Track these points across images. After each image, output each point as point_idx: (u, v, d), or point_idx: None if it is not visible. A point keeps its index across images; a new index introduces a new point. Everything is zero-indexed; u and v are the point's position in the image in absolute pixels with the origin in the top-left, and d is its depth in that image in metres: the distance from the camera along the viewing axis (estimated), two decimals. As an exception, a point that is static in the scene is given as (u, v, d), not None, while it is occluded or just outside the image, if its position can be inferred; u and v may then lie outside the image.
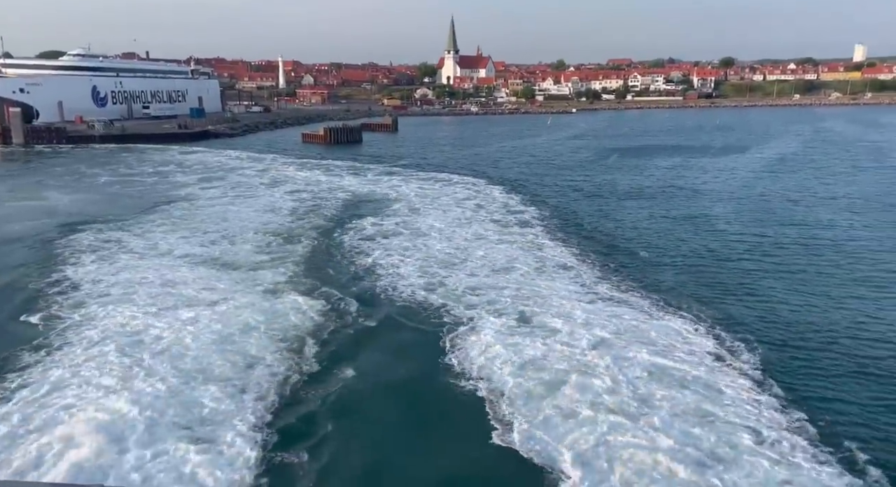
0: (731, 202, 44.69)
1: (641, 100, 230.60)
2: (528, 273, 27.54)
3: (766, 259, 29.98)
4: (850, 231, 35.22)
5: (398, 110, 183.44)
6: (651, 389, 17.53)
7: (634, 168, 64.92)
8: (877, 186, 49.96)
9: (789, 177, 55.95)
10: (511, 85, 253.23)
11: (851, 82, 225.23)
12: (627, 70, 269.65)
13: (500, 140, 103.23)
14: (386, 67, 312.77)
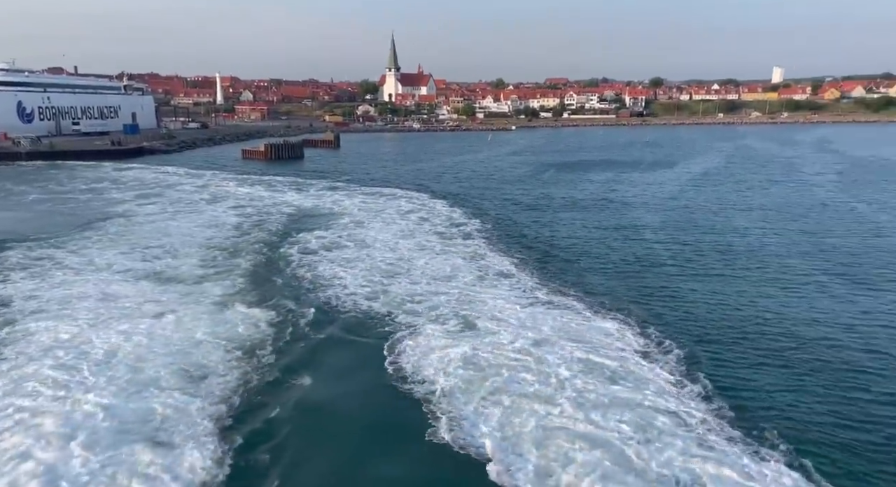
0: (658, 212, 47.59)
1: (577, 118, 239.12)
2: (469, 281, 28.78)
3: (687, 264, 32.36)
4: (761, 238, 38.33)
5: (340, 127, 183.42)
6: (583, 383, 18.93)
7: (570, 182, 67.77)
8: (787, 198, 54.24)
9: (711, 190, 59.88)
10: (452, 102, 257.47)
11: (770, 102, 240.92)
12: (564, 89, 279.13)
13: (442, 156, 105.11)
14: (327, 84, 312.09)
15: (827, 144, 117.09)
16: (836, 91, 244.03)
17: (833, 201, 51.71)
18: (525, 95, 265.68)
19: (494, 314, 24.27)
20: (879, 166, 78.24)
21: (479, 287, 27.87)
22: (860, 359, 20.40)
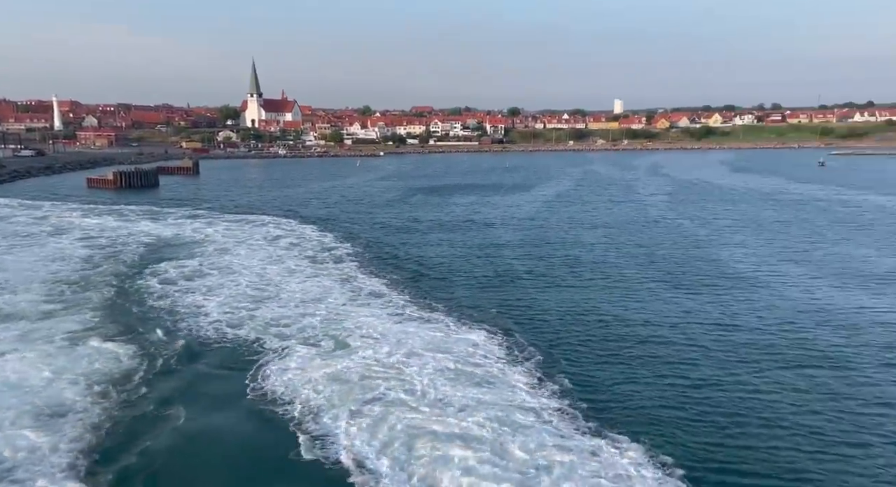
0: (516, 231, 51.23)
1: (443, 144, 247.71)
2: (341, 302, 29.32)
3: (542, 276, 35.39)
4: (604, 251, 42.79)
5: (199, 153, 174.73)
6: (450, 389, 20.25)
7: (438, 205, 70.51)
8: (626, 216, 60.75)
9: (563, 210, 65.41)
10: (319, 129, 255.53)
11: (612, 131, 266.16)
12: (429, 117, 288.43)
13: (310, 182, 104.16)
14: (183, 109, 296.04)
15: (659, 168, 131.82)
16: (666, 121, 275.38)
17: (663, 218, 58.75)
18: (392, 122, 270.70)
19: (366, 332, 25.03)
20: (700, 188, 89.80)
21: (351, 307, 28.51)
22: (683, 351, 23.76)
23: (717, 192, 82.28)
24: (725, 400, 19.42)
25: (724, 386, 20.48)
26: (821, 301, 29.51)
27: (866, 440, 16.82)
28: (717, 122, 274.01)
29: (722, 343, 24.33)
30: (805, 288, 32.00)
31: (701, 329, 26.10)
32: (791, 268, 36.53)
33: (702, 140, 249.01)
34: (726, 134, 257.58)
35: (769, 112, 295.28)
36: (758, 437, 17.19)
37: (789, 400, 19.23)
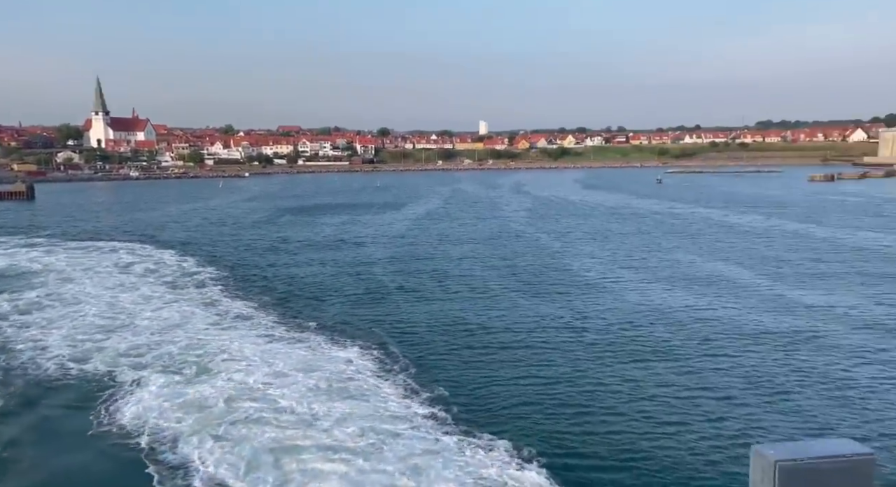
0: (388, 249, 52.12)
1: (312, 164, 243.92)
2: (203, 327, 28.19)
3: (413, 291, 36.46)
4: (470, 264, 44.94)
5: (34, 176, 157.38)
6: (322, 405, 20.39)
7: (308, 224, 69.56)
8: (490, 231, 64.04)
9: (433, 227, 67.47)
10: (177, 149, 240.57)
11: (478, 151, 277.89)
12: (297, 136, 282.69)
13: (167, 204, 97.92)
14: (13, 128, 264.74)
15: (521, 186, 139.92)
16: (526, 142, 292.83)
17: (524, 232, 62.69)
18: (257, 142, 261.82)
19: (231, 355, 24.36)
20: (557, 204, 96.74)
21: (215, 331, 27.53)
22: (540, 353, 25.75)
23: (571, 208, 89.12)
24: (575, 394, 21.44)
25: (574, 381, 22.56)
26: (654, 302, 33.31)
27: (688, 418, 19.44)
28: (571, 144, 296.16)
29: (573, 343, 26.71)
30: (642, 291, 35.91)
31: (555, 331, 28.41)
32: (631, 274, 40.76)
33: (558, 159, 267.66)
34: (579, 154, 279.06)
35: (615, 134, 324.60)
36: (602, 423, 19.22)
37: (627, 390, 21.65)
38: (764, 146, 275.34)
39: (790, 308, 31.52)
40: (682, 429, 18.64)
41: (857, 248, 49.10)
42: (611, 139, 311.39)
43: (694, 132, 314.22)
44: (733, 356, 24.66)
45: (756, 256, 46.59)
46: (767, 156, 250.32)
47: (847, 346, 25.47)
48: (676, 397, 20.97)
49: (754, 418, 19.29)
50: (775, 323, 28.93)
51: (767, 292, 35.03)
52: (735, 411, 19.81)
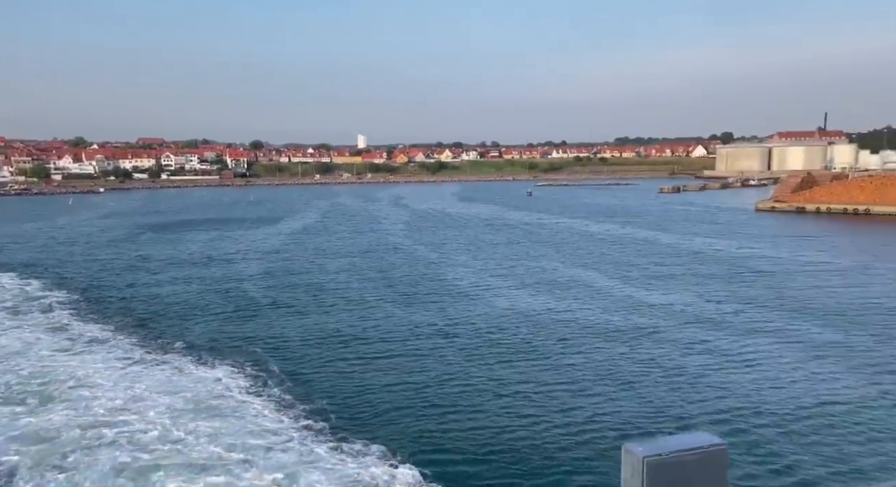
0: (261, 264, 50.75)
1: (178, 179, 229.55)
2: (49, 354, 26.03)
3: (286, 306, 35.98)
4: (347, 277, 45.08)
5: None
6: (190, 425, 19.75)
7: (172, 241, 65.71)
8: (368, 244, 64.43)
9: (310, 241, 66.53)
10: (17, 162, 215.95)
11: (356, 165, 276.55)
12: (160, 149, 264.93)
13: (5, 224, 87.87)
14: None
15: (400, 200, 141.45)
16: (405, 156, 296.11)
17: (402, 244, 63.73)
18: (114, 155, 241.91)
19: (83, 381, 22.80)
20: (434, 216, 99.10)
21: (65, 357, 25.55)
22: (413, 360, 26.63)
23: (448, 220, 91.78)
24: (445, 395, 22.51)
25: (444, 383, 23.65)
26: (520, 306, 35.55)
27: (546, 411, 21.18)
28: (448, 158, 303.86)
29: (443, 348, 27.90)
30: (509, 297, 38.14)
31: (427, 338, 29.47)
32: (500, 281, 43.07)
33: (436, 173, 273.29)
34: (456, 168, 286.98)
35: (489, 149, 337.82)
36: (470, 421, 20.42)
37: (493, 388, 23.10)
38: (621, 161, 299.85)
39: (636, 307, 35.06)
40: (542, 421, 20.30)
41: (694, 252, 55.37)
42: (485, 154, 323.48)
43: (560, 147, 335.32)
44: (587, 352, 27.08)
45: (610, 261, 51.04)
46: (625, 169, 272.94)
47: (681, 339, 28.91)
48: (536, 392, 22.72)
49: (606, 408, 21.43)
50: (623, 321, 32.08)
51: (618, 293, 38.63)
52: (587, 401, 21.87)
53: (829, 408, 20.77)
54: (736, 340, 28.29)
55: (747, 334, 29.19)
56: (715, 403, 21.38)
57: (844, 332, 29.19)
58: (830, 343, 27.68)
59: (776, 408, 20.79)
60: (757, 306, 34.60)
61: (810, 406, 21.00)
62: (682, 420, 20.19)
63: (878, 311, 33.01)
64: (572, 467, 17.46)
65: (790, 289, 38.82)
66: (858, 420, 19.90)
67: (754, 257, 51.72)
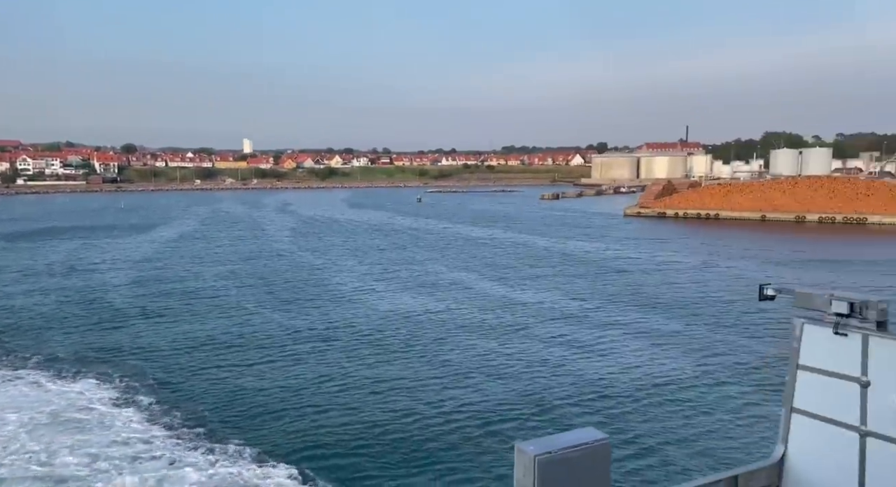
0: (130, 273, 48.18)
1: (37, 184, 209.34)
2: None
3: (157, 315, 34.70)
4: (226, 284, 44.06)
5: None
6: (47, 439, 18.92)
7: (28, 251, 60.45)
8: (251, 250, 62.98)
9: (186, 249, 63.80)
10: None
11: (241, 170, 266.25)
12: (15, 152, 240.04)
13: None
14: None
15: (287, 206, 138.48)
16: (293, 162, 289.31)
17: (286, 251, 62.91)
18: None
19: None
20: (322, 222, 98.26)
21: None
22: (292, 363, 26.91)
23: (336, 226, 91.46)
24: (322, 395, 23.13)
25: (322, 384, 24.24)
26: (401, 307, 36.77)
27: (420, 402, 22.47)
28: (339, 164, 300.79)
29: (323, 350, 28.43)
30: (391, 299, 39.25)
31: (307, 342, 29.82)
32: (383, 285, 44.10)
33: (326, 179, 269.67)
34: (347, 174, 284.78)
35: (380, 155, 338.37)
36: (346, 417, 21.21)
37: (370, 385, 24.04)
38: (507, 168, 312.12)
39: (508, 305, 37.47)
40: (416, 413, 21.51)
41: (565, 254, 59.56)
42: (376, 160, 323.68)
43: (450, 155, 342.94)
44: (461, 349, 28.75)
45: (489, 264, 53.74)
46: (510, 177, 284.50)
47: (546, 333, 31.43)
48: (411, 387, 23.92)
49: (474, 398, 23.05)
50: (497, 319, 34.25)
51: (494, 293, 40.99)
52: (457, 392, 23.40)
53: (663, 388, 23.76)
54: (592, 332, 31.27)
55: (603, 327, 32.32)
56: (569, 389, 23.72)
57: (684, 323, 33.15)
58: (672, 332, 31.37)
59: (620, 390, 23.47)
60: (615, 302, 38.24)
61: (649, 386, 23.89)
62: (542, 404, 22.23)
63: (713, 303, 37.71)
64: (440, 455, 18.79)
65: (644, 286, 43.18)
66: (688, 396, 22.99)
67: (617, 258, 56.67)
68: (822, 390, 6.70)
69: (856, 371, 6.42)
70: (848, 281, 41.78)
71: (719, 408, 21.87)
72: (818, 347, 6.73)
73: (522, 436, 18.01)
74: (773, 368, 25.16)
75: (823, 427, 6.72)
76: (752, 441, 19.11)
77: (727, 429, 20.31)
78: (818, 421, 6.74)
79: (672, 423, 20.62)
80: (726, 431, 20.19)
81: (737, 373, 25.25)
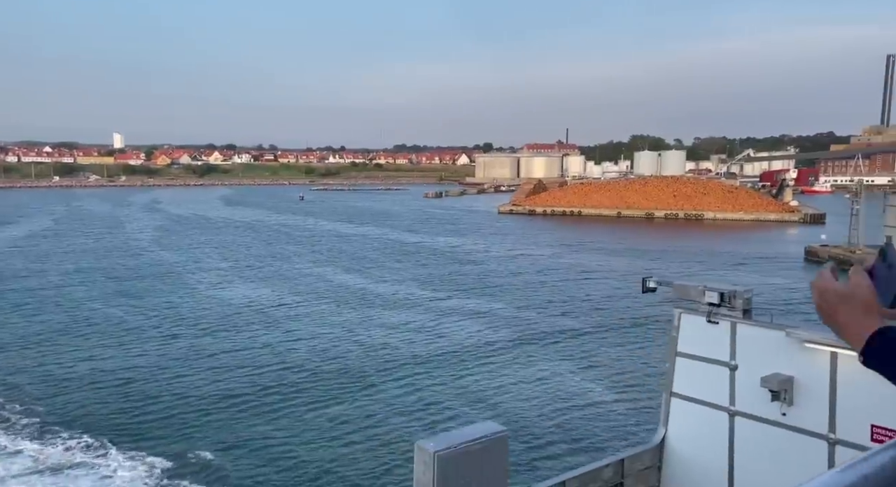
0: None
1: None
2: None
3: None
4: (71, 282, 42.07)
5: None
6: None
7: None
8: (108, 251, 59.89)
9: (32, 248, 59.50)
10: None
11: (108, 166, 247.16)
12: None
13: None
14: None
15: (157, 204, 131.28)
16: (167, 158, 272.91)
17: (145, 249, 60.47)
18: None
19: None
20: (191, 221, 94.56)
21: None
22: (136, 350, 26.83)
23: (206, 224, 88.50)
24: (162, 385, 23.47)
25: (159, 374, 24.54)
26: (255, 302, 37.30)
27: (247, 384, 23.49)
28: (219, 160, 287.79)
29: (161, 344, 28.53)
30: (245, 293, 39.63)
31: (145, 335, 29.71)
32: (241, 280, 44.24)
33: (204, 177, 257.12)
34: (227, 171, 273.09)
35: (265, 152, 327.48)
36: (182, 413, 21.80)
37: (198, 378, 24.69)
38: (395, 167, 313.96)
39: (365, 297, 39.15)
40: (235, 400, 22.53)
41: (432, 249, 62.18)
42: (260, 157, 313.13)
43: (340, 152, 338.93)
44: (310, 338, 29.96)
45: (354, 258, 55.13)
46: (399, 175, 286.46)
47: (392, 320, 33.40)
48: (239, 376, 24.85)
49: (312, 381, 24.39)
50: (351, 309, 35.79)
51: (352, 285, 42.49)
52: (296, 377, 24.64)
53: (547, 383, 25.61)
54: (436, 318, 33.68)
55: (448, 313, 34.85)
56: (396, 359, 25.74)
57: (516, 307, 36.45)
58: (505, 314, 34.48)
59: (444, 358, 25.83)
60: (464, 290, 41.08)
61: (532, 380, 26.26)
62: (365, 377, 23.97)
63: (546, 287, 41.61)
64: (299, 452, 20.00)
65: (493, 275, 46.56)
66: (575, 388, 25.64)
67: (476, 251, 60.15)
68: (698, 375, 7.31)
69: (725, 356, 7.00)
70: (640, 268, 47.45)
71: (604, 397, 22.42)
72: (694, 335, 7.34)
73: (406, 433, 19.04)
74: (651, 356, 26.12)
75: (699, 409, 7.32)
76: (637, 426, 19.70)
77: (614, 417, 20.85)
78: (694, 404, 7.36)
79: (563, 416, 21.02)
80: (613, 418, 20.74)
81: (615, 363, 25.99)
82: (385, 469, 17.51)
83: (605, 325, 32.24)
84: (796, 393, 6.54)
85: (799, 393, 6.55)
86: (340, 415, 20.93)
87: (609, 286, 42.17)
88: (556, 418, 20.86)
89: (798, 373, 6.54)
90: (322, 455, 18.32)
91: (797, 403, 6.57)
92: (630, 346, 28.77)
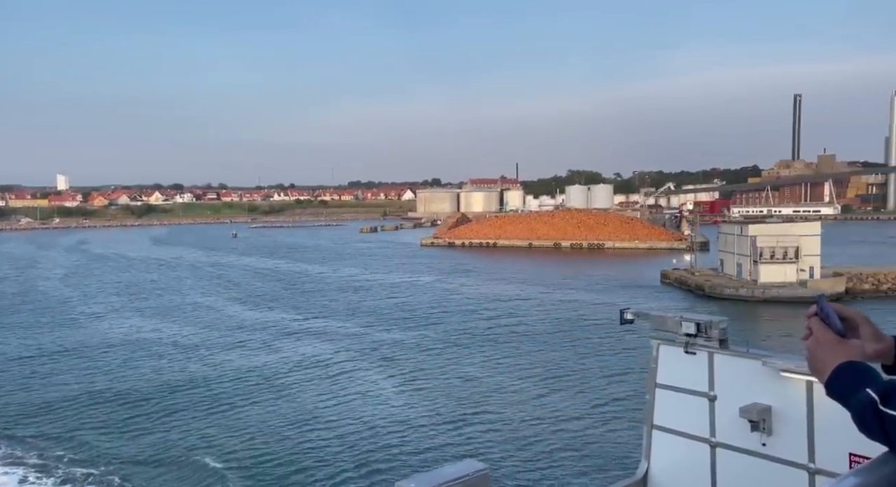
0: None
1: None
2: None
3: None
4: None
5: None
6: None
7: None
8: (17, 286, 61.03)
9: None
10: None
11: (41, 208, 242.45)
12: None
13: None
14: None
15: (82, 245, 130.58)
16: (104, 199, 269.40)
17: (48, 288, 61.85)
18: None
19: None
20: (110, 260, 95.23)
21: None
22: None
23: (123, 263, 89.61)
24: None
25: None
26: (140, 335, 39.99)
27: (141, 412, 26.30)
28: (159, 200, 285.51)
29: (41, 375, 30.96)
30: (131, 326, 42.28)
31: (25, 367, 32.08)
32: (130, 313, 46.84)
33: (143, 217, 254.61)
34: (167, 211, 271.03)
35: (208, 191, 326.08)
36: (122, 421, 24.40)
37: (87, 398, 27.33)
38: (340, 203, 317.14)
39: (257, 327, 42.13)
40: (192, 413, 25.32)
41: (327, 280, 65.44)
42: (202, 196, 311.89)
43: (288, 190, 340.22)
44: (181, 367, 32.79)
45: (256, 293, 57.97)
46: (343, 211, 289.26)
47: (282, 349, 36.53)
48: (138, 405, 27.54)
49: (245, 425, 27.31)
50: (241, 338, 38.79)
51: (248, 317, 45.29)
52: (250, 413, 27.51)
53: (530, 410, 29.21)
54: (330, 346, 36.60)
55: (344, 338, 38.10)
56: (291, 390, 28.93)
57: (408, 331, 40.05)
58: (391, 340, 37.80)
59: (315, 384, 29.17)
60: (357, 318, 44.21)
61: (513, 405, 29.73)
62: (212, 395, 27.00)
63: (443, 315, 45.48)
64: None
65: (390, 303, 50.23)
66: (558, 421, 28.99)
67: (376, 281, 63.81)
68: (678, 406, 7.16)
69: (704, 386, 6.88)
70: (513, 293, 52.01)
71: (587, 429, 22.47)
72: (672, 366, 7.21)
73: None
74: (620, 385, 26.74)
75: (680, 441, 7.13)
76: (620, 459, 19.38)
77: (597, 449, 20.72)
78: (676, 436, 7.16)
79: (544, 447, 21.12)
80: (595, 451, 20.59)
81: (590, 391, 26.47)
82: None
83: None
84: (775, 422, 6.44)
85: (778, 423, 6.44)
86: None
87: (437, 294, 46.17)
88: (540, 455, 20.61)
89: (776, 403, 6.44)
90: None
91: (776, 433, 6.44)
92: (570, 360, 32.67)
